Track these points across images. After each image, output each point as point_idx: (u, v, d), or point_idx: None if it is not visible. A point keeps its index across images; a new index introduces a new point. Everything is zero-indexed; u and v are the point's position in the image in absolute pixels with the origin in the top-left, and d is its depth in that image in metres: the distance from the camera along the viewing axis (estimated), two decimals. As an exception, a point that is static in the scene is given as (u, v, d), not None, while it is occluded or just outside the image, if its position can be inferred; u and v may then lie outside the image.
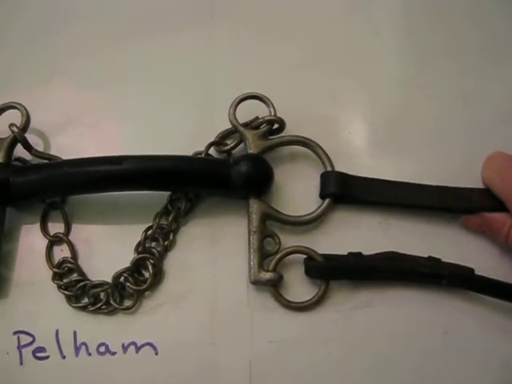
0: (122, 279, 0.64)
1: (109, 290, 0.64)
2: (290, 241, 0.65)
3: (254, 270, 0.63)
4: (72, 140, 0.70)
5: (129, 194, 0.65)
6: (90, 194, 0.66)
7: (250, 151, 0.65)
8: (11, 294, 0.65)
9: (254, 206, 0.64)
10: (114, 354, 0.63)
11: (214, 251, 0.65)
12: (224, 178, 0.63)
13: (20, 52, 0.74)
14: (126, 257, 0.65)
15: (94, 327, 0.64)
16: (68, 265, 0.65)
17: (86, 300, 0.64)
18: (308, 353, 0.63)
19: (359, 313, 0.63)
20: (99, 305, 0.64)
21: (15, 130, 0.65)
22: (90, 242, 0.67)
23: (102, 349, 0.63)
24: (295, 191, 0.67)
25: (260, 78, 0.70)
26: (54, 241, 0.66)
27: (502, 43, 0.73)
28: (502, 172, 0.64)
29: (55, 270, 0.65)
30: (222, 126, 0.68)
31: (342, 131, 0.70)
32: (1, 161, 0.65)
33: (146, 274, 0.64)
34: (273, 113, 0.66)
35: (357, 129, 0.70)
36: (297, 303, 0.63)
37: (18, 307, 0.64)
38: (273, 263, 0.63)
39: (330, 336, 0.63)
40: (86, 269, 0.66)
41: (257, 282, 0.63)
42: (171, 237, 0.66)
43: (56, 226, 0.67)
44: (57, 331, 0.63)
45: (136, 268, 0.65)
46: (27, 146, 0.66)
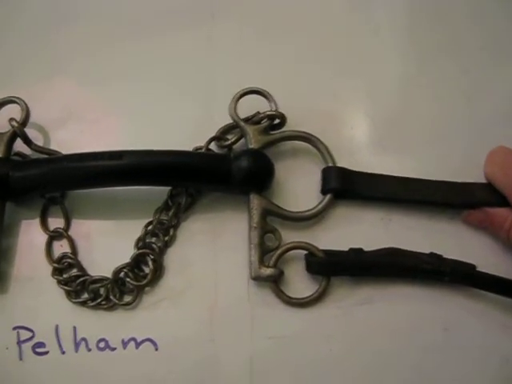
0: (121, 275, 0.64)
1: (109, 286, 0.64)
2: (291, 236, 0.64)
3: (254, 266, 0.62)
4: (72, 135, 0.69)
5: (129, 189, 0.65)
6: (90, 189, 0.66)
7: (250, 146, 0.65)
8: (11, 289, 0.65)
9: (255, 202, 0.64)
10: (114, 349, 0.63)
11: (215, 247, 0.65)
12: (224, 173, 0.63)
13: (21, 49, 0.74)
14: (126, 252, 0.64)
15: (93, 323, 0.64)
16: (68, 260, 0.65)
17: (85, 295, 0.64)
18: (309, 349, 0.63)
19: (360, 309, 0.63)
20: (99, 300, 0.64)
21: (15, 124, 0.65)
22: (89, 238, 0.66)
23: (101, 344, 0.63)
24: (296, 187, 0.67)
25: (260, 76, 0.70)
26: (53, 236, 0.66)
27: (502, 42, 0.73)
28: (504, 167, 0.64)
29: (55, 265, 0.64)
30: (222, 122, 0.67)
31: (344, 127, 0.70)
32: (0, 155, 0.64)
33: (146, 270, 0.64)
34: (274, 107, 0.66)
35: (359, 125, 0.70)
36: (297, 299, 0.63)
37: (17, 302, 0.64)
38: (273, 259, 0.63)
39: (331, 332, 0.63)
40: (85, 264, 0.65)
41: (257, 278, 0.63)
42: (171, 232, 0.65)
43: (56, 221, 0.66)
44: (56, 326, 0.63)
45: (136, 263, 0.64)
46: (27, 141, 0.66)
